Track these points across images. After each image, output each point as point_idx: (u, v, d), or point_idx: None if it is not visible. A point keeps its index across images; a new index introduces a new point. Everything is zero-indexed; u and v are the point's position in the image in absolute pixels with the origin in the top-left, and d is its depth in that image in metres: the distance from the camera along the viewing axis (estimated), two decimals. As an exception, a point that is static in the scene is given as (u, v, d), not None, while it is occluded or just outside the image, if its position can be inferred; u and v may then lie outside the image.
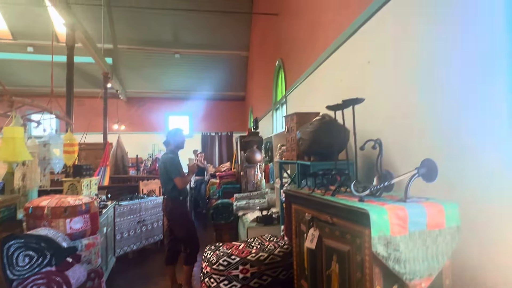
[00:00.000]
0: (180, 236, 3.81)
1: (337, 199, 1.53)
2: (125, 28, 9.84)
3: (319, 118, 2.39)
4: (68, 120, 5.29)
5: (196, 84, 11.91)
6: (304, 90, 4.38)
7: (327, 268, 1.56)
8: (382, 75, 2.29)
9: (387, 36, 2.22)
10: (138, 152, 10.93)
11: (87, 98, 10.81)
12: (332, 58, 3.32)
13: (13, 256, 2.51)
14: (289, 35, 5.35)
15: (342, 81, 3.07)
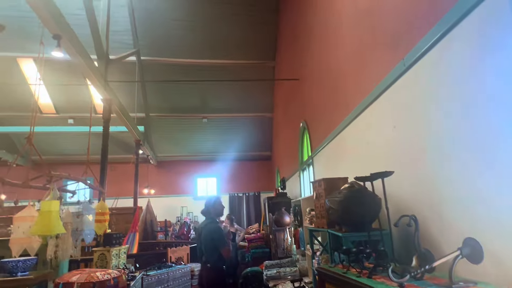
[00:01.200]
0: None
1: (374, 282, 1.42)
2: (156, 98, 10.54)
3: (347, 186, 2.34)
4: (101, 189, 5.47)
5: (223, 146, 12.23)
6: (330, 152, 4.37)
7: None
8: (409, 140, 2.25)
9: (412, 100, 2.21)
10: (167, 216, 10.98)
11: (119, 163, 11.28)
12: (357, 122, 3.34)
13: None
14: (311, 98, 5.51)
15: (369, 144, 3.04)
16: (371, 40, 3.00)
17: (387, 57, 2.61)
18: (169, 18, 8.61)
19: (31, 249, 3.55)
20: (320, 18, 4.81)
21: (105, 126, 6.30)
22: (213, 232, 3.73)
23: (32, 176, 3.93)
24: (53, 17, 3.99)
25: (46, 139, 11.01)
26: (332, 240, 2.58)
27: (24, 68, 9.47)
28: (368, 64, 3.07)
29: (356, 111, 3.26)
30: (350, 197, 2.21)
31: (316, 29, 5.09)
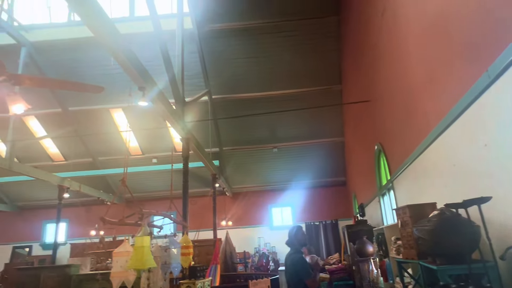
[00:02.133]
0: None
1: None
2: (228, 133, 11.06)
3: (437, 214, 2.14)
4: (184, 224, 5.80)
5: (296, 174, 12.18)
6: (412, 175, 4.07)
7: None
8: (506, 158, 2.00)
9: (504, 114, 2.00)
10: (245, 247, 11.11)
11: (198, 197, 11.88)
12: (439, 142, 3.09)
13: None
14: (385, 119, 5.27)
15: (456, 166, 2.77)
16: (445, 52, 2.82)
17: (466, 70, 2.42)
18: (234, 57, 9.17)
19: (128, 282, 3.87)
20: (385, 37, 4.69)
21: (185, 163, 6.76)
22: (296, 263, 3.72)
23: (127, 214, 4.36)
24: (139, 72, 4.54)
25: (134, 178, 12.16)
26: (425, 273, 2.36)
27: (115, 116, 10.79)
28: (445, 79, 2.87)
29: (437, 130, 3.03)
30: (442, 225, 2.02)
31: (382, 48, 4.95)
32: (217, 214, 10.17)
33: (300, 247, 3.95)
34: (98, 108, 10.24)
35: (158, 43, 6.45)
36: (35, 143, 11.14)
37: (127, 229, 4.41)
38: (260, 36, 8.72)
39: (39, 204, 13.52)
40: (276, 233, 12.20)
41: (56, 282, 5.45)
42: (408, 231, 2.66)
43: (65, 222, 12.72)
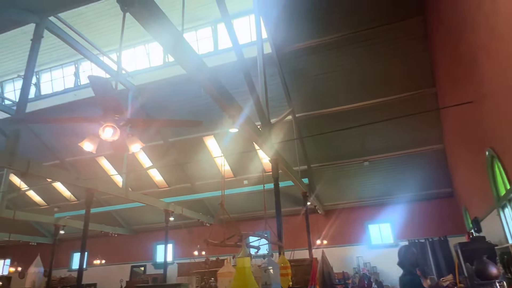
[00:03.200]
0: None
1: None
2: (315, 150, 10.94)
3: None
4: (280, 244, 5.84)
5: (392, 188, 11.37)
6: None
7: None
8: None
9: None
10: (343, 267, 10.65)
11: (290, 216, 11.88)
12: None
13: None
14: (498, 120, 4.62)
15: None
16: None
17: None
18: (314, 74, 9.14)
19: (233, 302, 4.02)
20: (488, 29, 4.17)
21: (275, 183, 6.88)
22: (405, 285, 3.48)
23: (227, 236, 4.60)
24: (227, 100, 4.85)
25: (228, 200, 12.74)
26: None
27: (208, 143, 11.62)
28: None
29: None
30: None
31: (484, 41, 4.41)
32: (311, 233, 10.00)
33: (412, 268, 3.70)
34: (193, 137, 11.17)
35: (241, 71, 6.83)
36: (143, 173, 12.60)
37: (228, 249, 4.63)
38: (338, 49, 8.58)
39: (150, 227, 15.12)
40: (375, 252, 11.44)
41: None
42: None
43: (171, 243, 13.90)
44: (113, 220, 14.87)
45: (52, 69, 11.54)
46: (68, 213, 13.54)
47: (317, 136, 10.46)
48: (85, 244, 8.41)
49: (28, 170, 6.57)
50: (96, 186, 8.58)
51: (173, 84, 9.82)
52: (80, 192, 13.13)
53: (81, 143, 2.75)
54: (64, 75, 11.53)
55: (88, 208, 8.43)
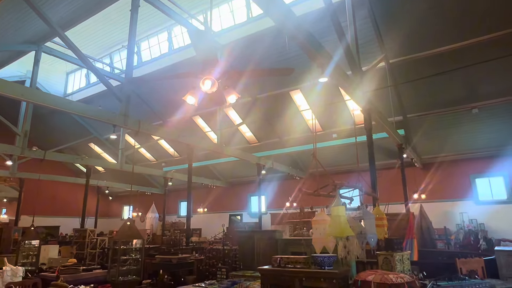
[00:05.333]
0: None
1: None
2: (412, 98, 10.00)
3: None
4: (375, 195, 5.70)
5: (506, 137, 9.88)
6: None
7: None
8: None
9: None
10: (444, 223, 9.97)
11: (384, 169, 11.37)
12: None
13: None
14: None
15: None
16: None
17: None
18: (410, 12, 8.08)
19: (328, 248, 4.14)
20: None
21: (368, 135, 6.58)
22: None
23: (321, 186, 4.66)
24: (316, 49, 4.65)
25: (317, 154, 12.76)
26: None
27: (295, 98, 11.54)
28: None
29: None
30: None
31: None
32: (407, 186, 9.48)
33: None
34: (279, 92, 11.19)
35: (329, 16, 6.41)
36: (235, 129, 13.28)
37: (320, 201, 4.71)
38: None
39: (244, 180, 16.20)
40: (483, 208, 10.37)
41: (266, 244, 6.43)
42: None
43: (264, 195, 14.72)
44: (211, 174, 16.30)
45: (148, 37, 12.53)
46: (173, 167, 15.30)
47: (414, 83, 9.48)
48: (190, 194, 9.50)
49: (140, 128, 7.50)
50: (195, 142, 9.41)
51: (257, 40, 9.79)
52: (182, 149, 14.56)
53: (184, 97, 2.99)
54: (159, 41, 12.44)
55: (190, 162, 9.36)
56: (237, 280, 5.02)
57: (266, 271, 3.51)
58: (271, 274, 3.46)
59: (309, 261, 3.46)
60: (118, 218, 20.76)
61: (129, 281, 6.92)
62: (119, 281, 6.83)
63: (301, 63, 8.92)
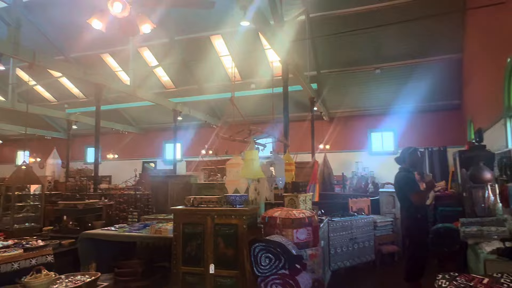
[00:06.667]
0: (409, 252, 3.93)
1: None
2: (327, 55, 10.54)
3: None
4: (286, 142, 6.07)
5: (399, 98, 11.26)
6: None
7: None
8: None
9: None
10: (342, 170, 11.24)
11: (295, 121, 12.07)
12: None
13: (258, 256, 3.06)
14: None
15: None
16: None
17: None
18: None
19: (241, 189, 4.36)
20: None
21: (285, 86, 6.83)
22: (400, 179, 3.87)
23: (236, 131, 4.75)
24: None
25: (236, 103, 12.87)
26: None
27: (216, 44, 11.16)
28: None
29: None
30: None
31: None
32: (315, 138, 10.31)
33: (409, 167, 3.95)
34: (200, 36, 10.68)
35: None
36: (150, 72, 12.43)
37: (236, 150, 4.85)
38: None
39: (159, 127, 15.62)
40: (375, 159, 11.93)
41: (181, 188, 6.45)
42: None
43: (180, 142, 14.49)
44: (122, 119, 15.29)
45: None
46: (78, 109, 13.86)
47: (330, 41, 9.97)
48: (98, 139, 8.81)
49: (35, 61, 6.50)
50: (104, 82, 8.58)
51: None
52: (88, 89, 13.21)
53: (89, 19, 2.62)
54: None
55: (98, 104, 8.58)
56: (149, 223, 5.02)
57: (179, 210, 3.57)
58: (184, 213, 3.53)
59: (221, 201, 3.61)
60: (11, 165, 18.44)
61: (26, 228, 6.38)
62: (14, 228, 6.25)
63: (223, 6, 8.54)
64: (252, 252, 3.07)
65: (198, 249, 3.38)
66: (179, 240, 3.46)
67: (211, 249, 3.33)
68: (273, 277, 2.97)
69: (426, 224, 4.22)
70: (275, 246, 3.02)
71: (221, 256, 3.29)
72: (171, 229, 3.88)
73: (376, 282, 5.10)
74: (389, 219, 6.14)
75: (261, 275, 3.01)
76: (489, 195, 4.82)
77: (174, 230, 3.55)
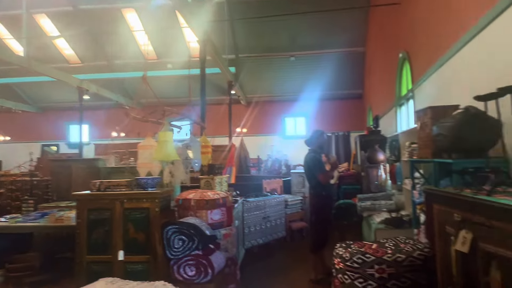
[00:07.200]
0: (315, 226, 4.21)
1: (496, 199, 1.36)
2: (246, 39, 10.62)
3: (462, 111, 2.15)
4: (202, 125, 6.00)
5: (311, 85, 11.97)
6: (437, 82, 3.97)
7: (485, 275, 1.39)
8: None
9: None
10: (258, 153, 11.62)
11: (213, 105, 12.01)
12: (473, 43, 2.93)
13: (170, 239, 3.01)
14: (415, 23, 4.93)
15: (491, 69, 2.67)
16: None
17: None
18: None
19: (154, 173, 4.19)
20: None
21: (202, 67, 6.68)
22: (309, 160, 4.13)
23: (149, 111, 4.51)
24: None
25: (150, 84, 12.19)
26: (439, 169, 2.47)
27: (128, 17, 10.34)
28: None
29: (475, 30, 2.84)
30: (465, 121, 2.04)
31: None
32: (232, 121, 10.41)
33: (317, 149, 4.26)
34: (109, 7, 9.77)
35: None
36: (49, 44, 10.98)
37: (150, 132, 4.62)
38: None
39: (61, 106, 13.98)
40: (288, 142, 12.58)
41: (86, 173, 5.93)
42: (427, 132, 2.71)
43: (87, 124, 13.25)
44: (15, 96, 13.30)
45: None
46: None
47: (249, 26, 10.06)
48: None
49: None
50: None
51: None
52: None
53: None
54: None
55: (-19, 76, 7.28)
56: (49, 211, 4.53)
57: (82, 196, 3.27)
58: (89, 199, 3.25)
59: (132, 184, 3.42)
60: None
61: None
62: None
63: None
64: (164, 235, 3.00)
65: (105, 236, 3.17)
66: (83, 228, 3.20)
67: (120, 235, 3.15)
68: (186, 259, 2.96)
69: (331, 201, 4.64)
70: (188, 228, 3.00)
71: (131, 242, 3.15)
72: (74, 217, 3.56)
73: (286, 256, 5.46)
74: (299, 198, 6.60)
75: (174, 257, 2.97)
76: (382, 173, 5.50)
77: (78, 218, 3.26)
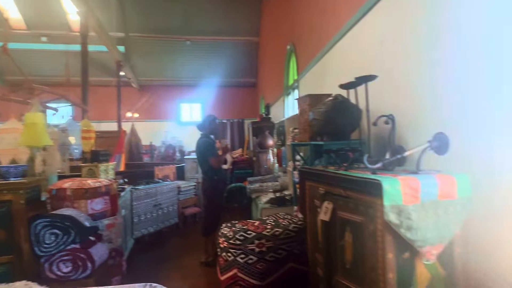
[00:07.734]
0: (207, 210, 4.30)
1: (350, 173, 1.58)
2: (137, 16, 9.89)
3: (332, 99, 2.42)
4: (84, 107, 5.42)
5: (207, 71, 11.93)
6: (317, 73, 4.38)
7: (341, 239, 1.62)
8: (394, 53, 2.30)
9: (400, 15, 2.21)
10: (151, 139, 11.11)
11: (100, 86, 10.93)
12: (344, 40, 3.32)
13: (40, 234, 2.65)
14: (301, 17, 5.32)
15: (355, 63, 3.07)
16: None
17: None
18: None
19: (20, 160, 3.62)
20: None
21: (84, 42, 5.99)
22: (201, 145, 4.16)
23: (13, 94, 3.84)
24: None
25: (19, 58, 10.40)
26: (314, 150, 2.75)
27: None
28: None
29: (345, 28, 3.22)
30: (333, 107, 2.31)
31: None
32: (122, 106, 9.67)
33: (209, 134, 4.30)
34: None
35: None
36: None
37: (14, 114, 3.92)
38: None
39: None
40: (184, 128, 12.34)
41: None
42: (306, 117, 2.97)
43: None
44: None
45: None
46: None
47: (141, 2, 9.39)
48: None
49: None
50: None
51: None
52: None
53: None
54: None
55: None
56: None
57: None
58: None
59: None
60: None
61: None
62: None
63: None
64: (32, 230, 2.63)
65: (-50, 238, 2.61)
66: None
67: (-29, 235, 2.63)
68: (60, 254, 2.65)
69: (223, 186, 4.75)
70: (63, 220, 2.70)
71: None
72: None
73: (178, 242, 5.41)
74: (192, 183, 6.58)
75: (44, 254, 2.64)
76: (270, 157, 5.86)
77: None
